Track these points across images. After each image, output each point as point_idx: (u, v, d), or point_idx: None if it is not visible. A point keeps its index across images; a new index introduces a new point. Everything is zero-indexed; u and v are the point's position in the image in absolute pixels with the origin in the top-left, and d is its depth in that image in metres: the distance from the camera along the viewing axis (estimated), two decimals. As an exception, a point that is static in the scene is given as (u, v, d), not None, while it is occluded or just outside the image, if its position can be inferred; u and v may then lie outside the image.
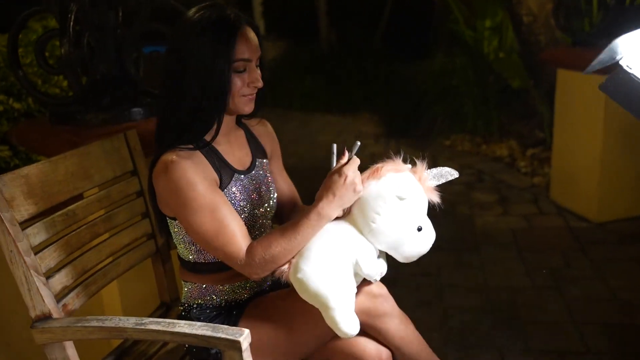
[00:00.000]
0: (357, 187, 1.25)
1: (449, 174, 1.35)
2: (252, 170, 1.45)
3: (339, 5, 8.15)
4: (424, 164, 1.32)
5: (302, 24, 8.49)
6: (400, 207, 1.26)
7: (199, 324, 1.20)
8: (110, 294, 1.93)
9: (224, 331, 1.16)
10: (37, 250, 1.32)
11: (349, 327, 1.25)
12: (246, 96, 1.34)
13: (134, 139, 1.68)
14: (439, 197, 1.33)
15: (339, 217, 1.31)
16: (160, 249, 1.71)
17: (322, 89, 6.93)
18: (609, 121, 3.14)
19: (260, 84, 1.34)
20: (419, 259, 1.34)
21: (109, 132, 1.78)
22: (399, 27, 7.68)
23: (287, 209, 1.59)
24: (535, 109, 4.68)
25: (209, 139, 1.34)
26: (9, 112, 2.74)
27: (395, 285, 1.46)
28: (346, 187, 1.25)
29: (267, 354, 1.36)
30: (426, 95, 5.32)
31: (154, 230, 1.68)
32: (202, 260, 1.41)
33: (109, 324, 1.24)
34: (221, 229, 1.28)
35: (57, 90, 2.89)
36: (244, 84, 1.32)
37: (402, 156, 1.32)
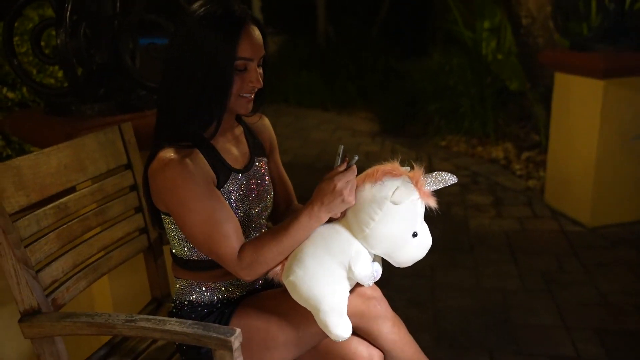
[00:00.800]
0: (345, 198, 1.22)
1: (447, 179, 1.30)
2: (250, 169, 1.44)
3: (337, -1, 8.15)
4: (422, 168, 1.27)
5: (300, 18, 8.46)
6: (395, 212, 1.22)
7: (189, 322, 1.19)
8: (101, 288, 1.91)
9: (215, 330, 1.15)
10: (27, 243, 1.30)
11: (341, 330, 1.23)
12: (245, 97, 1.32)
13: (129, 132, 1.66)
14: (436, 201, 1.28)
15: (334, 220, 1.29)
16: (152, 244, 1.69)
17: (318, 84, 6.91)
18: (604, 126, 3.15)
19: (259, 85, 1.31)
20: (413, 261, 1.32)
21: (104, 124, 1.77)
22: (396, 23, 7.69)
23: (281, 208, 1.58)
24: (531, 112, 4.67)
25: (207, 136, 1.32)
26: (3, 102, 2.71)
27: (387, 284, 1.45)
28: (334, 196, 1.22)
29: (259, 354, 1.35)
30: (423, 93, 5.31)
31: (147, 225, 1.66)
32: (195, 257, 1.40)
33: (98, 320, 1.23)
34: (215, 230, 1.26)
35: (52, 80, 2.87)
36: (243, 84, 1.29)
37: (400, 159, 1.28)
